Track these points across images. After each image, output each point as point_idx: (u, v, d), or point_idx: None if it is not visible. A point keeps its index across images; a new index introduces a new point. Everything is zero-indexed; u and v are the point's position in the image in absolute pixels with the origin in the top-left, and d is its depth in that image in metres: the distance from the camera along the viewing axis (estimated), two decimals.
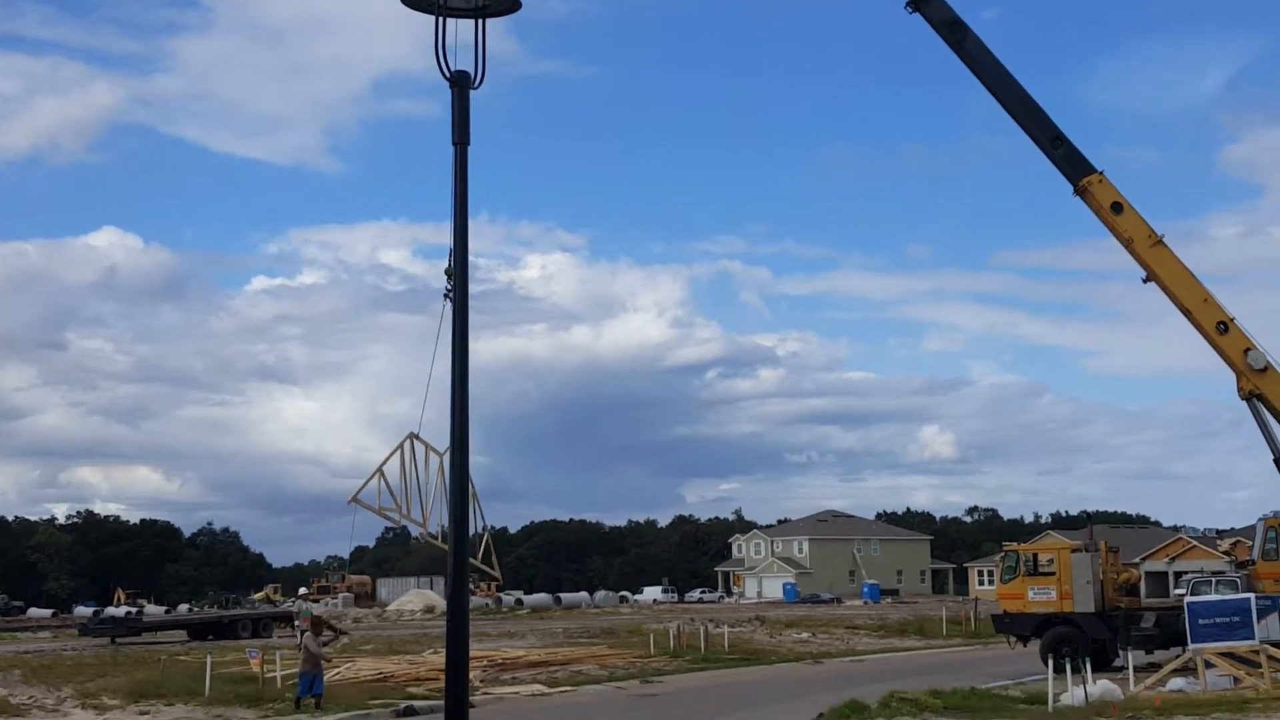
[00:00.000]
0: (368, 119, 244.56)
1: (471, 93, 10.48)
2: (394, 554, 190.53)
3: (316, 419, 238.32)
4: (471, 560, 15.04)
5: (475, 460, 14.19)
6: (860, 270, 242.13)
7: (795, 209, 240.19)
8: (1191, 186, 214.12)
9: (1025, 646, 37.64)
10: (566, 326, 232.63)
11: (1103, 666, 33.14)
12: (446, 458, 15.27)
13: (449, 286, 14.33)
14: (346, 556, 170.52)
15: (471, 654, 12.13)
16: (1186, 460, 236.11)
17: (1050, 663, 27.56)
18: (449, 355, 11.07)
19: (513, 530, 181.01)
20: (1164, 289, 36.31)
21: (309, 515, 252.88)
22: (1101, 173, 36.52)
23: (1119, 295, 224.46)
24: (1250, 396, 35.74)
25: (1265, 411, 35.76)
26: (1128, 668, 29.81)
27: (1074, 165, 36.52)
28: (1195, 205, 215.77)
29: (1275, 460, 36.07)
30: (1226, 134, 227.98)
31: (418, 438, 14.02)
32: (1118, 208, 36.34)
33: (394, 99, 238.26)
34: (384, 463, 15.77)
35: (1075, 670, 26.85)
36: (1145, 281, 36.50)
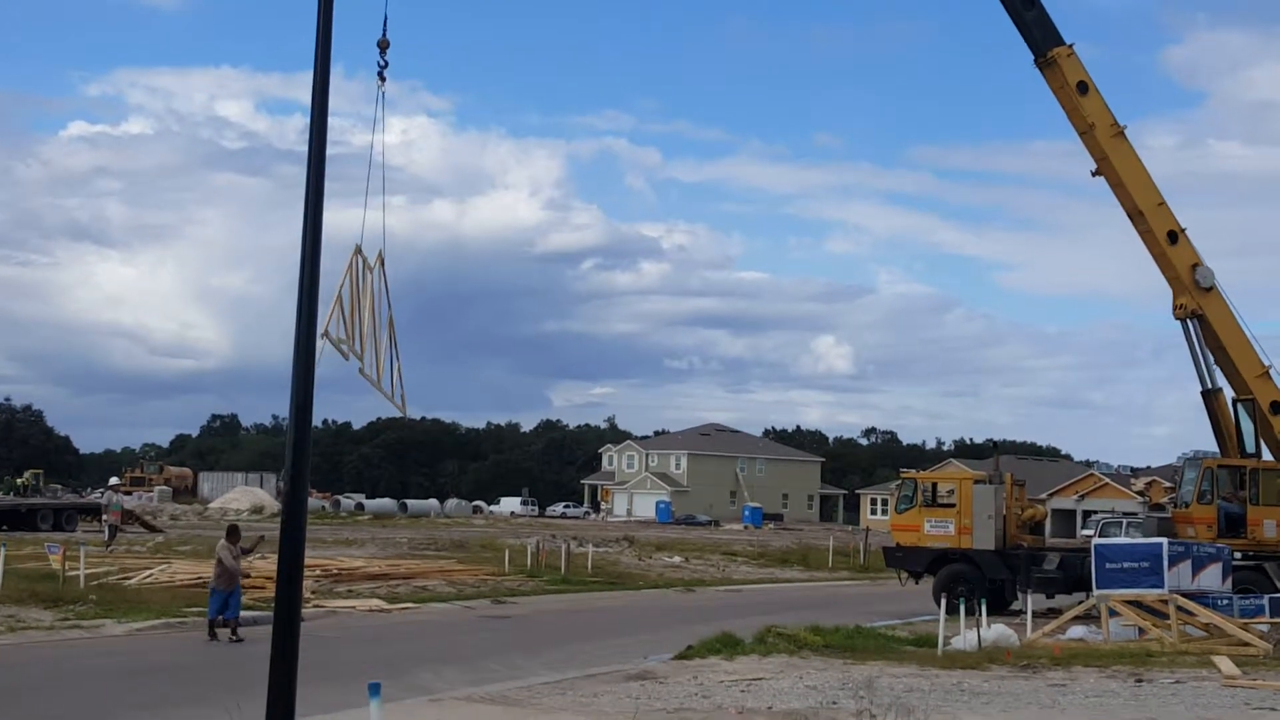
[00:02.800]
0: None
1: None
2: (220, 445, 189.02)
3: (136, 288, 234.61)
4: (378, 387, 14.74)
5: (319, 346, 14.05)
6: (759, 159, 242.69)
7: (691, 86, 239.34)
8: (1129, 89, 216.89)
9: (917, 584, 38.47)
10: (427, 201, 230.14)
11: (1000, 609, 34.10)
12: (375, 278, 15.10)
13: (383, 61, 14.08)
14: (164, 443, 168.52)
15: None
16: (1104, 389, 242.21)
17: (943, 603, 28.21)
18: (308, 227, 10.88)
19: (356, 426, 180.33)
20: (1117, 186, 36.79)
21: (124, 396, 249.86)
22: (1071, 46, 36.79)
23: (1042, 204, 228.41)
24: (1190, 317, 36.54)
25: (1200, 336, 36.61)
26: (1026, 612, 30.66)
27: (1044, 32, 36.67)
28: (1132, 110, 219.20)
29: (1203, 393, 37.10)
30: (1169, 33, 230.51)
31: (359, 253, 13.91)
32: (1083, 88, 36.71)
33: None
34: (341, 285, 15.32)
35: (970, 612, 27.54)
36: (1095, 175, 37.00)
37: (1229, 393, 37.00)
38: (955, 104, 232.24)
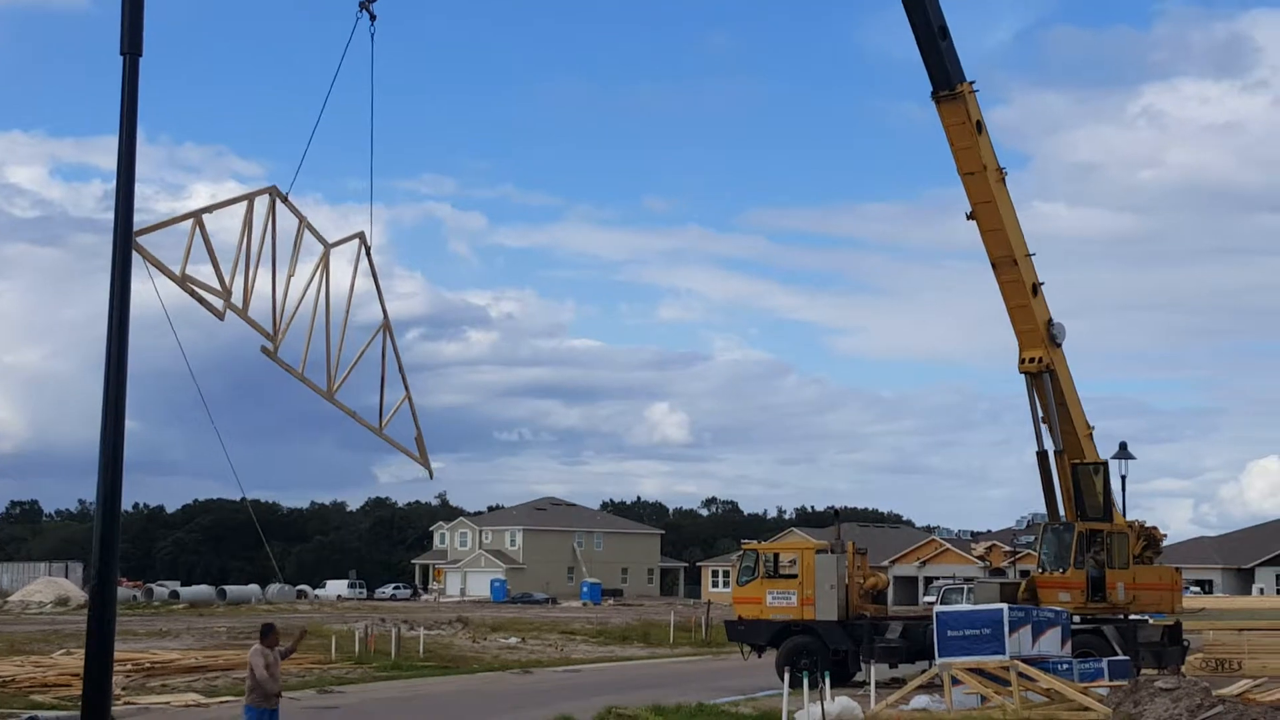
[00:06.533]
0: None
1: None
2: (20, 533, 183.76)
3: None
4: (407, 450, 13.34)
5: (127, 426, 13.79)
6: (589, 223, 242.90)
7: (517, 149, 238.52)
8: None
9: (760, 657, 38.78)
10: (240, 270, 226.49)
11: (843, 680, 34.48)
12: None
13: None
14: None
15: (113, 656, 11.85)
16: (942, 454, 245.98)
17: (787, 676, 28.54)
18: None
19: (170, 510, 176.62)
20: (994, 231, 37.56)
21: None
22: (973, 82, 37.67)
23: (876, 267, 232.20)
24: (1042, 371, 37.47)
25: (1044, 393, 37.52)
26: (870, 683, 31.09)
27: (955, 65, 37.36)
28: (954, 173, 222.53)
29: (1039, 454, 38.07)
30: (995, 94, 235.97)
31: (286, 200, 13.02)
32: (979, 127, 37.59)
33: None
34: (210, 209, 13.41)
35: (813, 685, 27.86)
36: (969, 218, 37.82)
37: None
38: (786, 167, 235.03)
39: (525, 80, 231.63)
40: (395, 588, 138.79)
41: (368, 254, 14.34)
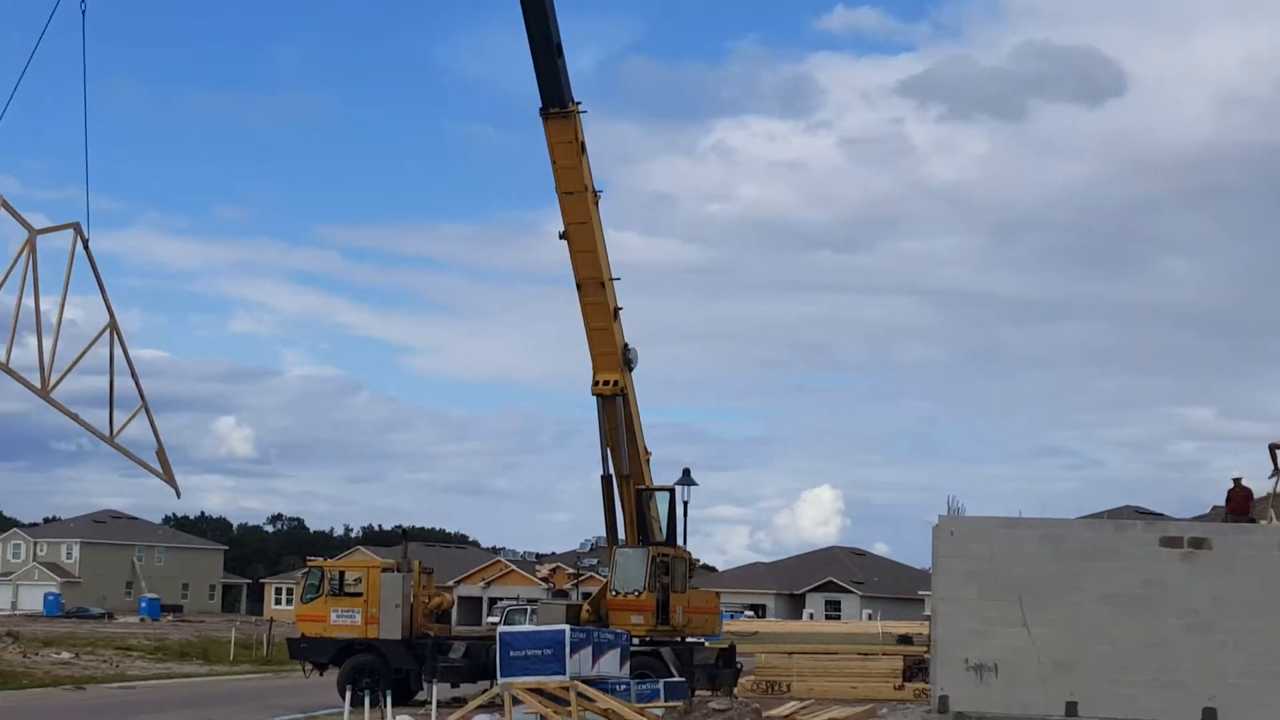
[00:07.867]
0: None
1: None
2: None
3: None
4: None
5: None
6: (158, 231, 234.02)
7: (80, 150, 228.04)
8: (531, 178, 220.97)
9: (322, 675, 38.22)
10: None
11: (405, 700, 34.34)
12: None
13: None
14: None
15: None
16: (509, 475, 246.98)
17: (348, 695, 28.23)
18: None
19: None
20: (586, 253, 37.99)
21: None
22: (580, 103, 37.87)
23: (449, 287, 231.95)
24: (615, 395, 38.19)
25: (615, 417, 38.28)
26: (432, 702, 31.04)
27: (567, 84, 37.42)
28: (537, 196, 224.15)
29: (604, 478, 38.85)
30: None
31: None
32: (583, 148, 37.90)
33: None
34: None
35: (375, 704, 27.63)
36: (562, 238, 38.22)
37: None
38: (361, 183, 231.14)
39: (87, 78, 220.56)
40: None
41: (85, 246, 13.36)
